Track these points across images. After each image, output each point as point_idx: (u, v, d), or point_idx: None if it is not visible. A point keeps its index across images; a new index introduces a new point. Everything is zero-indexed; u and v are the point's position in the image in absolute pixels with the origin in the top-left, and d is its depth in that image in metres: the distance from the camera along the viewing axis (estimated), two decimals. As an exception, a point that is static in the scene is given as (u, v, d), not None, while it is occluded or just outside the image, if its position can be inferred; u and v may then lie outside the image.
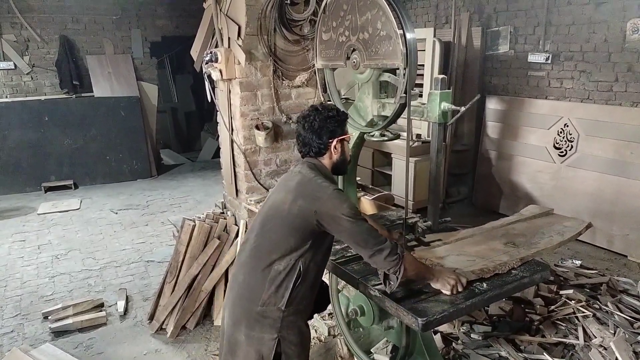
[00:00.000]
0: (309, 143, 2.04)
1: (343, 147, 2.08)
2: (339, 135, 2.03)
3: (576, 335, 3.25)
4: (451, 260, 2.20)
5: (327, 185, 1.93)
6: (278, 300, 1.92)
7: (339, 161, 2.08)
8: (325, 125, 2.01)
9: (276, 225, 1.95)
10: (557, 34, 5.31)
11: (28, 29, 7.67)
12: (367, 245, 1.86)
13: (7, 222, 6.05)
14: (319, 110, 2.05)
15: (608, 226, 4.84)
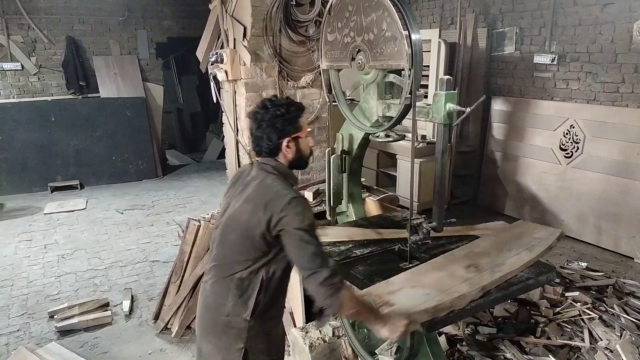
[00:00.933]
0: (259, 143, 1.91)
1: (298, 144, 1.92)
2: (290, 134, 1.88)
3: (582, 338, 3.23)
4: (404, 296, 1.97)
5: (285, 192, 1.79)
6: (242, 310, 1.84)
7: (294, 159, 1.94)
8: (273, 124, 1.86)
9: (237, 236, 1.85)
10: (563, 35, 5.29)
11: (35, 30, 7.73)
12: (308, 265, 1.72)
13: (13, 222, 6.08)
14: (267, 107, 1.89)
15: (614, 228, 4.81)
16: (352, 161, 2.76)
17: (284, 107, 1.87)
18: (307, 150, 1.98)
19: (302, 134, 1.92)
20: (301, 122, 1.91)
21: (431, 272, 2.16)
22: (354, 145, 2.70)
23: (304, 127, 1.93)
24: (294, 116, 1.89)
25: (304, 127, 1.93)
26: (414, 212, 2.27)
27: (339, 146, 2.75)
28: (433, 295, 1.95)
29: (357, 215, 2.89)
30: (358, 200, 2.93)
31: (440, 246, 2.42)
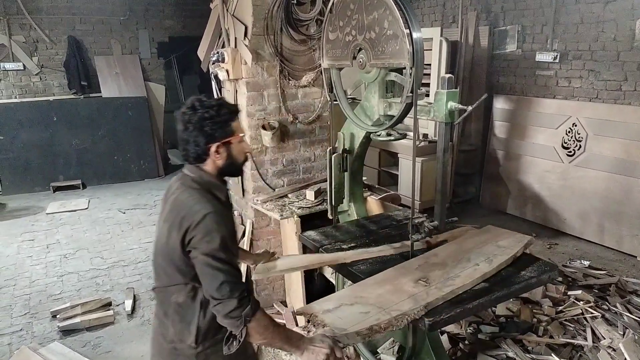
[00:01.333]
0: (186, 148, 1.74)
1: (230, 150, 1.75)
2: (220, 139, 1.71)
3: (584, 336, 3.23)
4: (340, 315, 1.79)
5: (198, 208, 1.63)
6: (186, 337, 1.73)
7: (225, 166, 1.77)
8: (201, 128, 1.69)
9: (162, 260, 1.73)
10: (565, 33, 5.27)
11: (37, 29, 7.74)
12: (214, 294, 1.60)
13: (16, 222, 6.10)
14: (195, 107, 1.71)
15: (617, 226, 4.80)
16: (353, 160, 2.76)
17: (214, 108, 1.70)
18: (240, 157, 1.81)
19: (235, 139, 1.75)
20: (234, 126, 1.74)
21: (376, 287, 1.99)
22: (355, 144, 2.70)
23: (238, 131, 1.76)
24: (225, 119, 1.71)
25: (237, 132, 1.76)
26: (415, 210, 2.26)
27: (340, 145, 2.75)
28: (371, 314, 1.78)
29: (359, 215, 2.88)
30: (359, 199, 2.93)
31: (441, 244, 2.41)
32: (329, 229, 2.71)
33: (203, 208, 1.63)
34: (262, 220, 3.70)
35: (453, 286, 1.93)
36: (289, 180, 3.79)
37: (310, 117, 3.75)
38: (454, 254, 2.23)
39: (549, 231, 5.35)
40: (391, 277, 2.05)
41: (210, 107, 1.70)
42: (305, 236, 2.65)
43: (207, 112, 1.69)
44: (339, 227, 2.74)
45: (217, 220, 1.62)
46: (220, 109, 1.71)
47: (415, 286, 1.95)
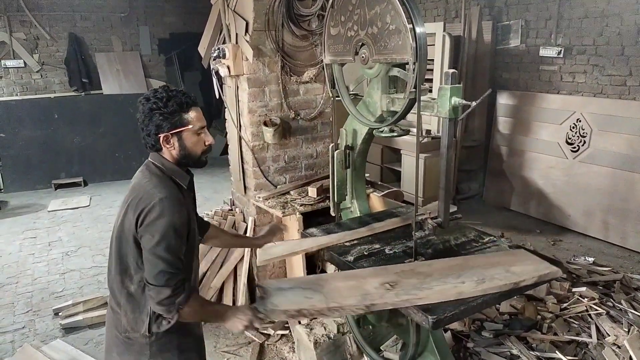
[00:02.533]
0: (143, 136, 1.79)
1: (182, 141, 1.75)
2: (167, 130, 1.72)
3: (589, 334, 3.21)
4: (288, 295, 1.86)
5: (153, 192, 1.66)
6: (139, 326, 1.75)
7: (180, 157, 1.78)
8: (150, 118, 1.72)
9: (117, 245, 1.75)
10: (569, 28, 5.22)
11: (37, 27, 7.72)
12: (152, 280, 1.63)
13: (18, 219, 6.10)
14: (148, 98, 1.75)
15: (622, 223, 4.77)
16: (356, 157, 2.74)
17: (163, 100, 1.72)
18: (196, 148, 1.78)
19: (187, 130, 1.75)
20: (185, 117, 1.74)
21: (341, 280, 1.98)
22: (358, 140, 2.67)
23: (191, 122, 1.75)
24: (173, 110, 1.72)
25: (189, 123, 1.75)
26: (419, 207, 2.24)
27: (343, 141, 2.72)
28: (313, 300, 1.81)
29: (362, 211, 2.86)
30: (362, 195, 2.90)
31: (445, 242, 2.39)
32: (332, 226, 2.69)
33: (159, 192, 1.67)
34: (264, 217, 3.68)
35: (414, 297, 1.82)
36: (291, 177, 3.77)
37: (312, 113, 3.72)
38: (448, 268, 2.04)
39: (553, 227, 5.32)
40: (362, 275, 2.03)
41: (160, 99, 1.72)
42: (307, 233, 2.63)
43: (155, 103, 1.72)
44: (341, 224, 2.72)
45: (169, 207, 1.65)
46: (169, 100, 1.72)
47: (378, 288, 1.90)
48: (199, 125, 1.79)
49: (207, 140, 1.83)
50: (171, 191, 1.71)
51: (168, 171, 1.78)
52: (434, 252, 2.29)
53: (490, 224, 5.32)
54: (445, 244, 2.38)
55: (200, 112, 1.82)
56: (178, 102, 1.74)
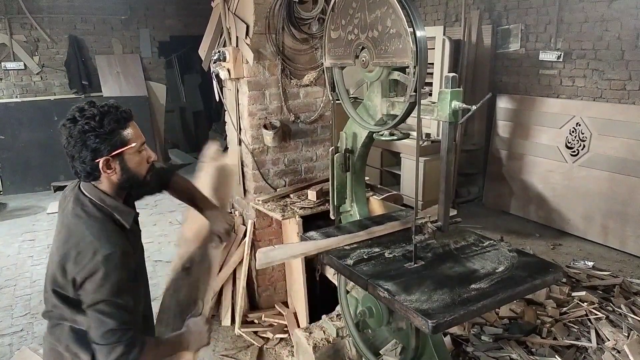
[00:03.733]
0: (74, 165, 1.53)
1: (124, 163, 1.54)
2: (107, 153, 1.50)
3: (589, 338, 3.20)
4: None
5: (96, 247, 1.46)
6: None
7: (123, 181, 1.57)
8: (83, 143, 1.48)
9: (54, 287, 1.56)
10: (569, 32, 5.24)
11: (38, 29, 7.72)
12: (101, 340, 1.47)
13: (17, 222, 6.09)
14: (76, 118, 1.49)
15: (621, 227, 4.77)
16: (355, 160, 2.73)
17: (96, 118, 1.48)
18: (140, 168, 1.59)
19: (129, 150, 1.54)
20: (125, 135, 1.53)
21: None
22: (358, 143, 2.67)
23: (132, 139, 1.54)
24: (111, 129, 1.49)
25: (130, 140, 1.54)
26: (418, 211, 2.24)
27: (343, 145, 2.72)
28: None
29: (361, 215, 2.85)
30: (362, 199, 2.90)
31: (445, 246, 2.38)
32: (331, 230, 2.68)
33: (102, 247, 1.46)
34: (264, 220, 3.67)
35: None
36: (290, 180, 3.76)
37: (312, 116, 3.72)
38: None
39: (553, 231, 5.32)
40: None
41: (92, 117, 1.48)
42: (307, 237, 2.62)
43: (87, 124, 1.47)
44: (341, 228, 2.71)
45: (116, 265, 1.47)
46: (104, 117, 1.49)
47: None
48: (140, 142, 1.59)
49: (150, 156, 1.64)
50: (116, 242, 1.50)
51: (106, 210, 1.55)
52: (433, 256, 2.28)
53: (490, 227, 5.32)
54: (444, 247, 2.37)
55: (136, 125, 1.60)
56: (115, 119, 1.51)
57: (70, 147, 1.51)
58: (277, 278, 3.80)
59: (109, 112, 1.52)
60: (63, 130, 1.53)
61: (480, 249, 2.34)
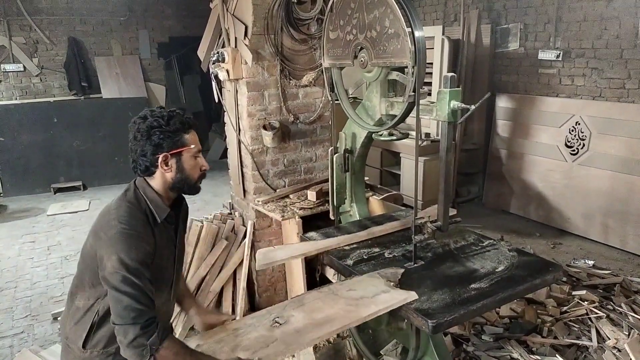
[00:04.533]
0: (135, 158, 1.69)
1: (181, 163, 1.69)
2: (167, 150, 1.65)
3: (589, 337, 3.20)
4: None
5: (115, 223, 1.58)
6: (77, 338, 1.71)
7: (176, 181, 1.71)
8: (148, 137, 1.64)
9: (81, 264, 1.73)
10: (568, 31, 5.24)
11: (37, 31, 7.73)
12: (117, 318, 1.51)
13: (17, 223, 6.09)
14: (146, 116, 1.67)
15: (621, 226, 4.77)
16: (355, 160, 2.73)
17: (164, 118, 1.66)
18: (193, 172, 1.74)
19: (187, 152, 1.70)
20: (186, 138, 1.70)
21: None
22: (357, 144, 2.67)
23: (190, 144, 1.71)
24: (175, 129, 1.67)
25: (189, 144, 1.70)
26: (418, 211, 2.24)
27: (342, 145, 2.72)
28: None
29: (361, 215, 2.86)
30: (362, 199, 2.90)
31: (445, 245, 2.38)
32: (331, 230, 2.68)
33: (119, 223, 1.57)
34: (264, 221, 3.67)
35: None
36: (290, 180, 3.76)
37: (311, 117, 3.72)
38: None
39: (553, 231, 5.32)
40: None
41: (161, 117, 1.66)
42: (307, 237, 2.62)
43: (156, 121, 1.65)
44: (341, 228, 2.72)
45: (130, 242, 1.55)
46: (171, 118, 1.67)
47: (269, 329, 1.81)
48: (198, 148, 1.75)
49: (204, 165, 1.78)
50: (134, 224, 1.60)
51: (146, 201, 1.69)
52: (433, 256, 2.29)
53: (490, 227, 5.32)
54: (444, 247, 2.37)
55: (196, 135, 1.77)
56: (180, 121, 1.69)
57: (136, 142, 1.66)
58: (277, 279, 3.80)
59: (177, 115, 1.70)
60: (132, 126, 1.68)
61: (480, 249, 2.35)
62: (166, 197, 1.75)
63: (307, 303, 1.96)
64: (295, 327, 1.81)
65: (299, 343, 1.75)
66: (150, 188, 1.71)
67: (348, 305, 1.89)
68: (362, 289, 2.00)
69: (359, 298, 1.93)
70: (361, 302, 1.90)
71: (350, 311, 1.86)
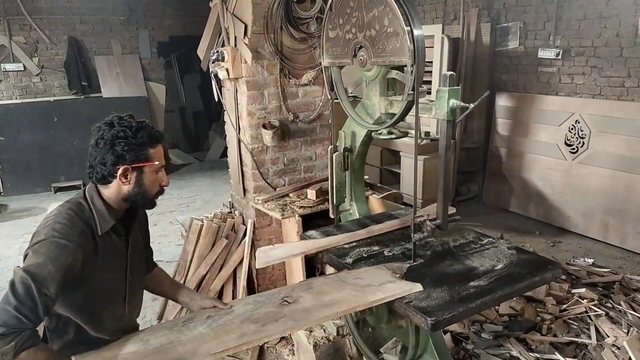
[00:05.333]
0: (93, 165, 1.61)
1: (141, 177, 1.63)
2: (129, 163, 1.59)
3: (588, 335, 3.21)
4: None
5: (47, 230, 1.50)
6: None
7: (132, 194, 1.64)
8: (112, 146, 1.57)
9: None
10: (567, 29, 5.24)
11: (37, 30, 7.73)
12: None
13: (17, 223, 6.09)
14: (113, 124, 1.60)
15: (621, 224, 4.77)
16: (354, 159, 2.74)
17: (131, 129, 1.59)
18: (152, 187, 1.68)
19: (149, 167, 1.63)
20: (151, 153, 1.63)
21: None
22: (357, 142, 2.68)
23: (154, 159, 1.65)
24: (142, 143, 1.60)
25: (153, 160, 1.64)
26: (418, 209, 2.24)
27: (342, 144, 2.72)
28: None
29: (361, 213, 2.86)
30: (361, 198, 2.91)
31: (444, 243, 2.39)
32: (331, 228, 2.68)
33: (52, 230, 1.51)
34: (264, 219, 3.68)
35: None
36: (290, 179, 3.77)
37: (311, 115, 3.73)
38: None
39: (553, 229, 5.33)
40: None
41: (129, 127, 1.59)
42: (306, 235, 2.63)
43: (122, 131, 1.58)
44: (340, 227, 2.72)
45: (51, 250, 1.46)
46: (139, 131, 1.60)
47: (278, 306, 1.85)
48: (161, 164, 1.69)
49: (164, 181, 1.73)
50: (67, 234, 1.52)
51: (91, 211, 1.62)
52: (432, 254, 2.29)
53: (490, 225, 5.33)
54: (444, 245, 2.37)
55: (162, 149, 1.70)
56: (148, 135, 1.62)
57: (98, 149, 1.60)
58: (277, 277, 3.81)
59: (145, 127, 1.63)
60: (96, 132, 1.62)
61: (479, 247, 2.35)
62: (117, 209, 1.70)
63: (315, 287, 2.01)
64: (304, 307, 1.85)
65: (307, 320, 1.79)
66: (99, 198, 1.65)
67: (355, 291, 1.93)
68: (369, 278, 2.04)
69: (366, 285, 1.97)
70: (367, 289, 1.94)
71: (356, 296, 1.90)
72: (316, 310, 1.82)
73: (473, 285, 1.98)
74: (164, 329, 1.76)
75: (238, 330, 1.70)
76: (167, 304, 3.65)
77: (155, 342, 1.65)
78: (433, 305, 1.84)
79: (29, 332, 1.40)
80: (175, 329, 1.75)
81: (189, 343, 1.64)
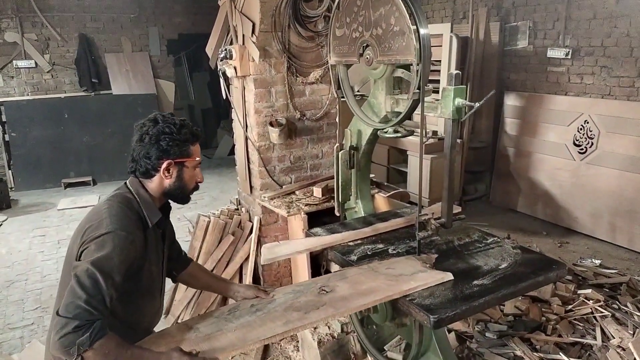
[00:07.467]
0: (137, 159, 1.69)
1: (181, 172, 1.72)
2: (173, 157, 1.68)
3: (594, 336, 3.19)
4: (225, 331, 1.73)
5: (107, 222, 1.54)
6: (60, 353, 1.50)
7: (172, 188, 1.73)
8: (157, 141, 1.65)
9: (64, 268, 1.66)
10: (577, 29, 5.20)
11: (48, 27, 7.81)
12: (63, 310, 1.41)
13: (28, 217, 6.18)
14: (157, 120, 1.69)
15: (629, 225, 4.74)
16: (360, 157, 2.75)
17: (176, 126, 1.68)
18: (190, 183, 1.76)
19: (190, 162, 1.73)
20: (192, 150, 1.73)
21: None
22: (363, 141, 2.69)
23: (195, 156, 1.75)
24: (184, 139, 1.69)
25: (193, 156, 1.74)
26: (423, 208, 2.25)
27: (348, 142, 2.74)
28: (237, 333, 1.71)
29: (366, 211, 2.88)
30: (367, 196, 2.92)
31: (449, 242, 2.40)
32: (336, 226, 2.70)
33: (111, 223, 1.55)
34: (270, 217, 3.70)
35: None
36: (296, 177, 3.79)
37: (317, 113, 3.74)
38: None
39: (560, 229, 5.30)
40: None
41: (173, 124, 1.68)
42: (312, 233, 2.64)
43: (168, 127, 1.67)
44: (345, 224, 2.74)
45: (115, 242, 1.51)
46: (182, 127, 1.70)
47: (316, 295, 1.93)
48: (199, 161, 1.79)
49: (200, 177, 1.81)
50: (126, 226, 1.57)
51: (139, 203, 1.68)
52: (437, 252, 2.30)
53: (497, 225, 5.31)
54: (448, 244, 2.38)
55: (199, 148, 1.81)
56: (190, 132, 1.72)
57: (142, 144, 1.67)
58: (282, 274, 3.83)
59: (187, 125, 1.73)
60: (139, 128, 1.70)
61: (483, 246, 2.36)
62: (159, 202, 1.77)
63: (349, 276, 2.07)
64: (342, 295, 1.92)
65: (347, 307, 1.87)
66: (144, 190, 1.72)
67: (389, 280, 1.99)
68: (400, 268, 2.10)
69: (398, 275, 2.03)
70: (400, 278, 2.00)
71: (391, 285, 1.95)
72: (354, 298, 1.89)
73: (477, 284, 1.99)
74: (211, 317, 1.85)
75: (283, 318, 1.79)
76: (174, 299, 3.69)
77: (206, 330, 1.75)
78: (436, 303, 1.86)
79: (100, 322, 1.44)
80: (222, 317, 1.84)
81: (237, 330, 1.73)
